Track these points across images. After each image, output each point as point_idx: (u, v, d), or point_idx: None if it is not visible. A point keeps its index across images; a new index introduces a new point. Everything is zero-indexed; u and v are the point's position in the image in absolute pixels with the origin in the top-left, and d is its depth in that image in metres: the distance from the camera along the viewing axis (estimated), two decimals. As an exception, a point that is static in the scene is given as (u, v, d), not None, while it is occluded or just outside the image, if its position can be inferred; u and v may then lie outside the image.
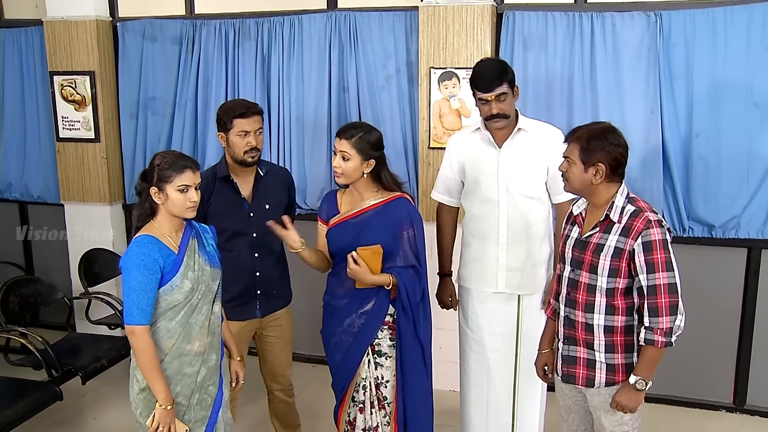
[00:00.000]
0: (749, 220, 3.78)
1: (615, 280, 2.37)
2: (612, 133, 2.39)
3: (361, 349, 2.81)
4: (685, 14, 3.70)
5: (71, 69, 4.67)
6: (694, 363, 4.05)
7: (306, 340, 4.44)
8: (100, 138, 4.73)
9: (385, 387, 2.85)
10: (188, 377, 2.49)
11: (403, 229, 2.76)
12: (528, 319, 3.10)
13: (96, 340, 4.03)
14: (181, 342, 2.46)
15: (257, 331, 3.22)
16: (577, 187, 2.43)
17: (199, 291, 2.47)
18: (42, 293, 4.04)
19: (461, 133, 3.26)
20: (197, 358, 2.50)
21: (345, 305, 2.83)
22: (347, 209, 2.84)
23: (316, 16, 4.30)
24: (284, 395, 3.38)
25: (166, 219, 2.46)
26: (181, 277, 2.42)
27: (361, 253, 2.70)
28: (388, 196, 2.80)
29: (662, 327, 2.29)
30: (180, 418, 2.48)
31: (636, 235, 2.31)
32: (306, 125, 4.41)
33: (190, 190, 2.42)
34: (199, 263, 2.49)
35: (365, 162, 2.73)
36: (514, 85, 2.92)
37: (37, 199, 5.08)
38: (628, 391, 2.38)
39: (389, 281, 2.73)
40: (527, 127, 3.00)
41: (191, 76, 4.56)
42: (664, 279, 2.29)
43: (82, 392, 4.21)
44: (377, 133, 2.78)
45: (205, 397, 2.54)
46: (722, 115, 3.71)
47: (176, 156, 2.47)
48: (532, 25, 3.91)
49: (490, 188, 3.04)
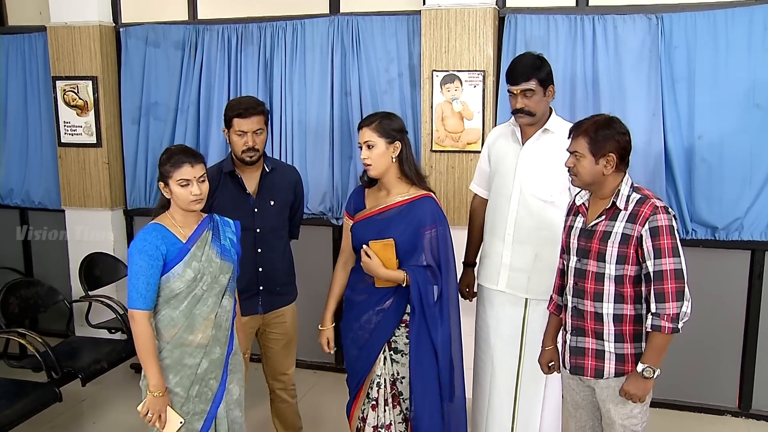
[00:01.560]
0: (752, 222, 3.77)
1: (623, 267, 2.36)
2: (617, 122, 2.41)
3: (377, 345, 2.78)
4: (686, 17, 3.72)
5: (74, 74, 4.68)
6: (698, 367, 4.02)
7: (308, 347, 4.41)
8: (102, 143, 4.73)
9: (401, 383, 2.81)
10: (188, 368, 2.47)
11: (425, 229, 2.72)
12: (534, 324, 3.04)
13: (96, 343, 4.00)
14: (183, 332, 2.46)
15: (260, 328, 3.20)
16: (588, 180, 2.43)
17: (204, 282, 2.46)
18: (42, 296, 4.01)
19: (499, 126, 3.29)
20: (199, 350, 2.48)
21: (363, 301, 2.81)
22: (373, 205, 2.82)
23: (318, 20, 4.32)
24: (286, 395, 3.34)
25: (178, 212, 2.49)
26: (183, 265, 2.42)
27: (373, 247, 2.70)
28: (415, 194, 2.76)
29: (669, 313, 2.28)
30: (178, 408, 2.46)
31: (643, 220, 2.32)
32: (308, 130, 4.41)
33: (191, 183, 2.43)
34: (208, 254, 2.49)
35: (391, 145, 2.71)
36: (547, 84, 2.90)
37: (38, 205, 5.06)
38: (636, 379, 2.36)
39: (404, 278, 2.69)
40: (555, 128, 2.95)
41: (194, 81, 4.57)
42: (671, 264, 2.29)
43: (81, 397, 4.17)
44: (398, 118, 2.78)
45: (205, 390, 2.52)
46: (724, 117, 3.72)
47: (177, 150, 2.50)
48: (534, 28, 3.93)
49: (505, 183, 3.04)
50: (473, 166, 3.97)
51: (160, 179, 2.48)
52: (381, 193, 2.82)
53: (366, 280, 2.79)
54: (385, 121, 2.72)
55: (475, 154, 4.00)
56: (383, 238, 2.71)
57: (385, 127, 2.71)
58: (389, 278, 2.71)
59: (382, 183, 2.80)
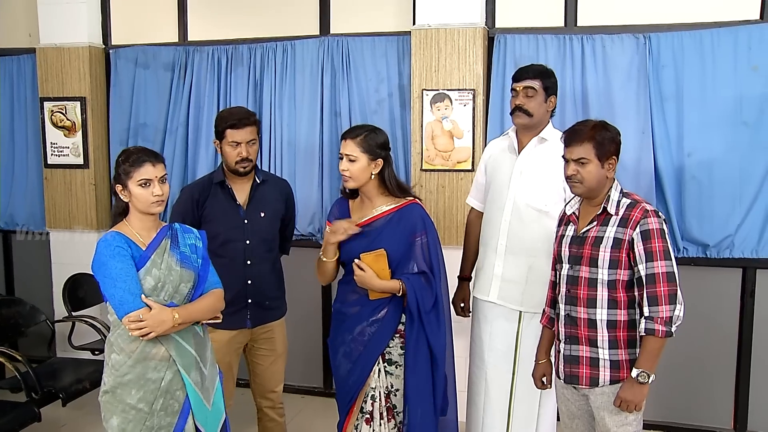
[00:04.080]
0: (743, 239, 3.77)
1: (616, 271, 2.35)
2: (609, 125, 2.46)
3: (372, 357, 2.72)
4: (673, 36, 3.77)
5: (62, 95, 4.66)
6: (692, 387, 3.97)
7: (296, 371, 4.33)
8: (89, 164, 4.68)
9: (395, 396, 2.75)
10: (152, 383, 2.36)
11: (416, 236, 2.70)
12: (528, 339, 2.99)
13: (78, 364, 3.90)
14: (146, 346, 2.35)
15: (248, 343, 3.13)
16: (593, 185, 2.42)
17: (165, 291, 2.37)
18: (24, 315, 3.93)
19: (496, 138, 3.30)
20: (162, 363, 2.38)
21: (356, 313, 2.75)
22: (359, 217, 2.78)
23: (308, 41, 4.34)
24: (274, 414, 3.26)
25: (137, 217, 2.41)
26: (144, 272, 2.34)
27: (365, 259, 2.66)
28: (401, 202, 2.74)
29: (662, 316, 2.26)
30: (141, 424, 2.35)
31: (634, 224, 2.32)
32: (298, 150, 4.40)
33: (152, 183, 2.36)
34: (168, 262, 2.40)
35: (373, 162, 2.69)
36: (549, 92, 2.93)
37: (23, 227, 4.98)
38: (632, 385, 2.32)
39: (399, 287, 2.66)
40: (552, 138, 2.95)
41: (183, 102, 4.56)
42: (663, 267, 2.28)
43: (62, 421, 4.05)
44: (383, 134, 2.76)
45: (171, 402, 2.40)
46: (713, 135, 3.74)
47: (137, 150, 2.42)
48: (523, 48, 3.96)
49: (499, 193, 3.02)
50: (463, 185, 3.99)
51: (117, 182, 2.38)
52: (365, 205, 2.79)
53: (358, 291, 2.75)
54: (371, 136, 2.70)
55: (465, 173, 4.00)
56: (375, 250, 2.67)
57: (369, 142, 2.69)
58: (384, 289, 2.67)
59: (364, 194, 2.78)
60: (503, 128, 3.91)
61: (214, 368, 2.55)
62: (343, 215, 2.83)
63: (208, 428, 2.48)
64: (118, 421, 2.36)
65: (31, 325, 3.99)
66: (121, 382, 2.35)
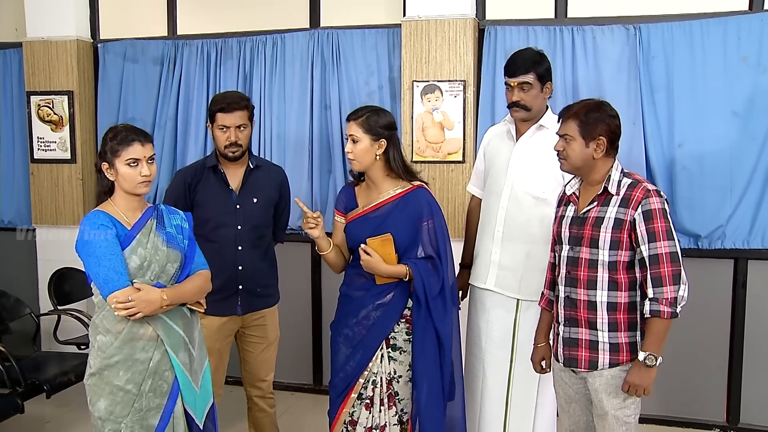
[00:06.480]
0: (735, 230, 3.76)
1: (617, 252, 2.32)
2: (607, 106, 2.41)
3: (375, 341, 2.69)
4: (663, 27, 3.77)
5: (49, 89, 4.61)
6: (685, 381, 3.95)
7: (285, 367, 4.28)
8: (77, 159, 4.63)
9: (398, 382, 2.71)
10: (140, 363, 2.32)
11: (423, 220, 2.68)
12: (525, 327, 2.95)
13: (63, 357, 3.83)
14: (133, 326, 2.31)
15: (239, 330, 3.08)
16: (578, 164, 2.40)
17: (151, 270, 2.33)
18: (8, 308, 3.86)
19: (494, 125, 3.27)
20: (150, 343, 2.33)
21: (362, 296, 2.72)
22: (365, 203, 2.76)
23: (298, 34, 4.32)
24: (264, 404, 3.20)
25: (122, 197, 2.37)
26: (129, 251, 2.30)
27: (371, 244, 2.63)
28: (407, 187, 2.72)
29: (667, 297, 2.23)
30: (130, 406, 2.31)
31: (636, 204, 2.28)
32: (287, 143, 4.37)
33: (140, 163, 2.32)
34: (154, 242, 2.36)
35: (376, 143, 2.66)
36: (545, 80, 2.89)
37: (8, 224, 4.91)
38: (639, 369, 2.29)
39: (406, 272, 2.63)
40: (550, 125, 2.91)
41: (172, 96, 4.53)
42: (666, 248, 2.25)
43: (46, 418, 3.98)
44: (388, 114, 2.73)
45: (160, 383, 2.35)
46: (703, 125, 3.74)
47: (125, 128, 2.38)
48: (513, 39, 3.95)
49: (497, 180, 3.00)
50: (454, 177, 3.97)
51: (103, 160, 2.34)
52: (372, 190, 2.76)
53: (365, 275, 2.72)
54: (373, 117, 2.67)
55: (456, 164, 3.98)
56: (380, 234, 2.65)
57: (371, 123, 2.66)
58: (391, 274, 2.65)
59: (370, 179, 2.75)
60: (494, 119, 3.91)
61: (202, 351, 2.51)
62: (350, 202, 2.82)
63: (197, 411, 2.44)
64: (106, 403, 2.31)
65: (14, 318, 3.92)
66: (108, 364, 2.30)
